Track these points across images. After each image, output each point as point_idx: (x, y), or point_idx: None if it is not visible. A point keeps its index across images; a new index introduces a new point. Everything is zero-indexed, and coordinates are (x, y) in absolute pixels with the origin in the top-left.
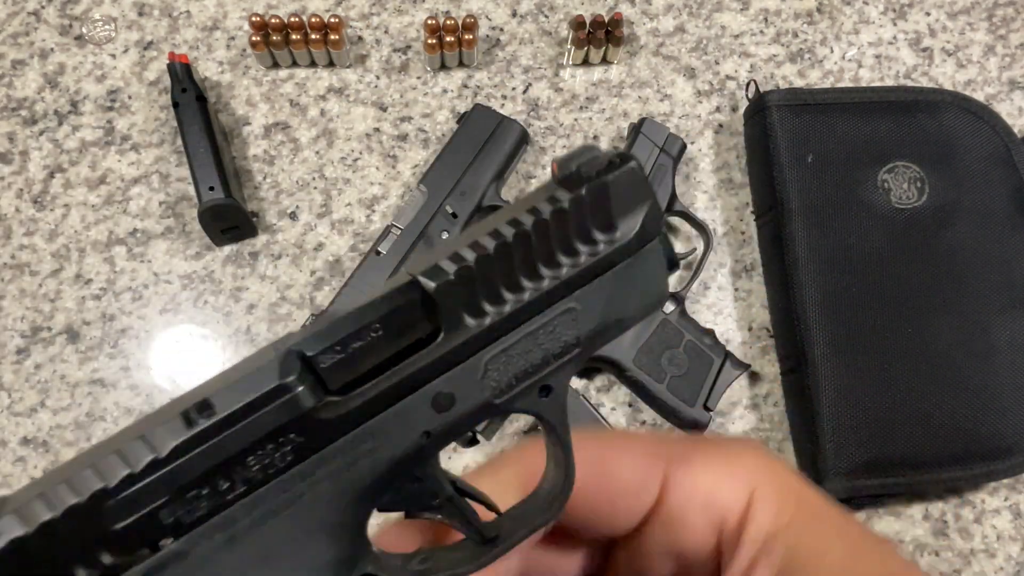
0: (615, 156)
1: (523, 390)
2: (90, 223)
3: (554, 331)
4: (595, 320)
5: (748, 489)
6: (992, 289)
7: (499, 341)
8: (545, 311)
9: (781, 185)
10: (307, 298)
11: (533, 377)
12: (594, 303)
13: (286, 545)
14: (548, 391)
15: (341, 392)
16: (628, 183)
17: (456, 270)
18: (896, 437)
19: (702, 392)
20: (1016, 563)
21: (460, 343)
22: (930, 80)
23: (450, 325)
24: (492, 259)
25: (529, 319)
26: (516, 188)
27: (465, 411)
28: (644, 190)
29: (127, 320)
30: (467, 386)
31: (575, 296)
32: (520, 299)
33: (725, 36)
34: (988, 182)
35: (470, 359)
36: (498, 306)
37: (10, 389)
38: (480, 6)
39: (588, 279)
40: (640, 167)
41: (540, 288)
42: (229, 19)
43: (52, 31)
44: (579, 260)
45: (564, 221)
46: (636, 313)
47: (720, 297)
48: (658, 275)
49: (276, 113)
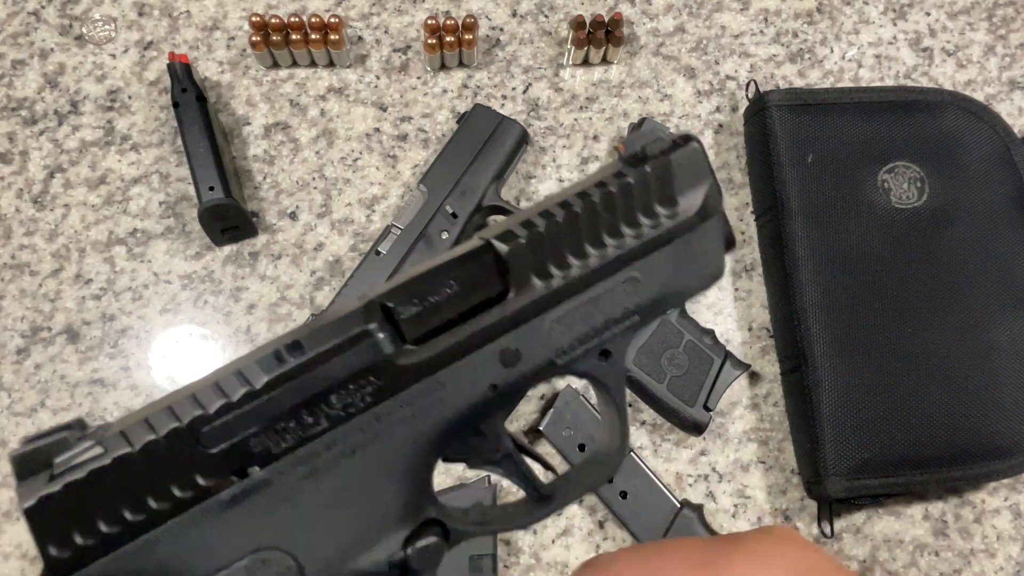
0: (679, 137)
1: (584, 352)
2: (90, 223)
3: (616, 298)
4: (655, 290)
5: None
6: (992, 289)
7: (564, 303)
8: (608, 278)
9: (781, 185)
10: (307, 298)
11: (594, 340)
12: (655, 274)
13: (360, 485)
14: (607, 355)
15: (417, 342)
16: (690, 162)
17: (527, 235)
18: (896, 437)
19: (702, 392)
20: (1016, 563)
21: (528, 303)
22: (930, 80)
23: (519, 285)
24: (561, 227)
25: (592, 285)
26: (516, 188)
27: (530, 369)
28: (705, 169)
29: (127, 320)
30: (532, 344)
31: (637, 266)
32: (585, 266)
33: (725, 36)
34: (988, 182)
35: (536, 319)
36: (564, 271)
37: (10, 389)
38: (480, 6)
39: (650, 251)
40: (702, 147)
41: (604, 256)
42: (229, 19)
43: (52, 31)
44: (642, 232)
45: (628, 195)
46: (694, 286)
47: (720, 297)
48: (716, 251)
49: (276, 113)
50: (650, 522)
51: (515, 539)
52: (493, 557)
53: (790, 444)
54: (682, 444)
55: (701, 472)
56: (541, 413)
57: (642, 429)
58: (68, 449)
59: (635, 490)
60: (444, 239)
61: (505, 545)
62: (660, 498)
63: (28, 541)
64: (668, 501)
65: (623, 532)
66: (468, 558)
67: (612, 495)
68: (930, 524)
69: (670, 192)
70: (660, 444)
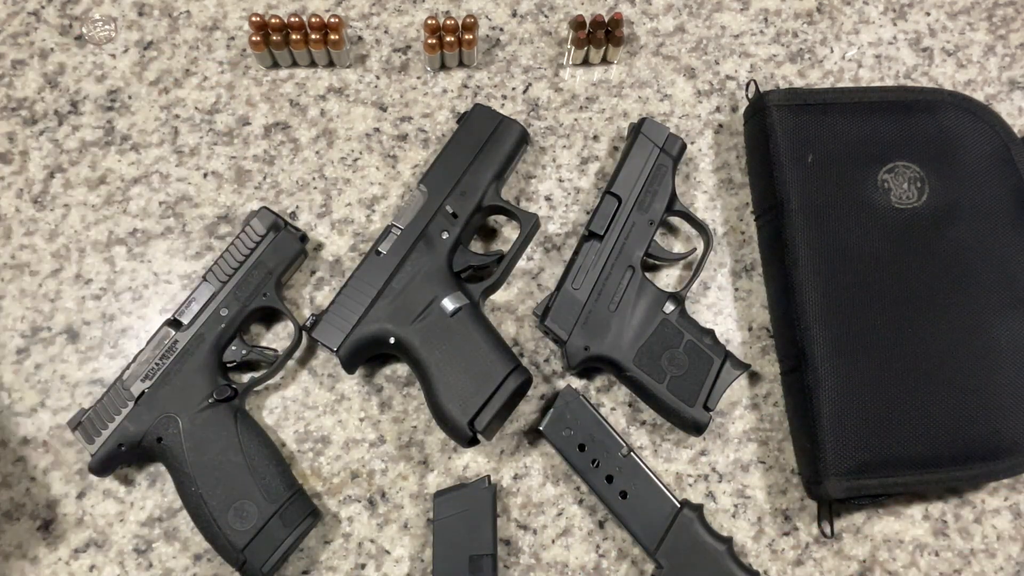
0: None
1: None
2: (90, 223)
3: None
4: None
5: None
6: (992, 288)
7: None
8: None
9: (781, 185)
10: (307, 298)
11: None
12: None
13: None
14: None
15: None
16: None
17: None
18: (896, 437)
19: (702, 392)
20: (1016, 563)
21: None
22: (930, 80)
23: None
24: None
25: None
26: (516, 188)
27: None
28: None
29: (127, 320)
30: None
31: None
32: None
33: (725, 36)
34: (988, 182)
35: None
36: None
37: (10, 389)
38: (480, 6)
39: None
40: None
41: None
42: (229, 19)
43: (52, 31)
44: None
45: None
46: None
47: (720, 297)
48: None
49: (276, 113)
50: (650, 522)
51: (515, 539)
52: (493, 557)
53: (790, 444)
54: (682, 444)
55: (701, 472)
56: (541, 413)
57: (642, 429)
58: None
59: (635, 490)
60: (444, 239)
61: (505, 545)
62: (660, 498)
63: (28, 541)
64: (668, 501)
65: (623, 532)
66: (468, 558)
67: (612, 495)
68: (930, 524)
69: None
70: (660, 444)
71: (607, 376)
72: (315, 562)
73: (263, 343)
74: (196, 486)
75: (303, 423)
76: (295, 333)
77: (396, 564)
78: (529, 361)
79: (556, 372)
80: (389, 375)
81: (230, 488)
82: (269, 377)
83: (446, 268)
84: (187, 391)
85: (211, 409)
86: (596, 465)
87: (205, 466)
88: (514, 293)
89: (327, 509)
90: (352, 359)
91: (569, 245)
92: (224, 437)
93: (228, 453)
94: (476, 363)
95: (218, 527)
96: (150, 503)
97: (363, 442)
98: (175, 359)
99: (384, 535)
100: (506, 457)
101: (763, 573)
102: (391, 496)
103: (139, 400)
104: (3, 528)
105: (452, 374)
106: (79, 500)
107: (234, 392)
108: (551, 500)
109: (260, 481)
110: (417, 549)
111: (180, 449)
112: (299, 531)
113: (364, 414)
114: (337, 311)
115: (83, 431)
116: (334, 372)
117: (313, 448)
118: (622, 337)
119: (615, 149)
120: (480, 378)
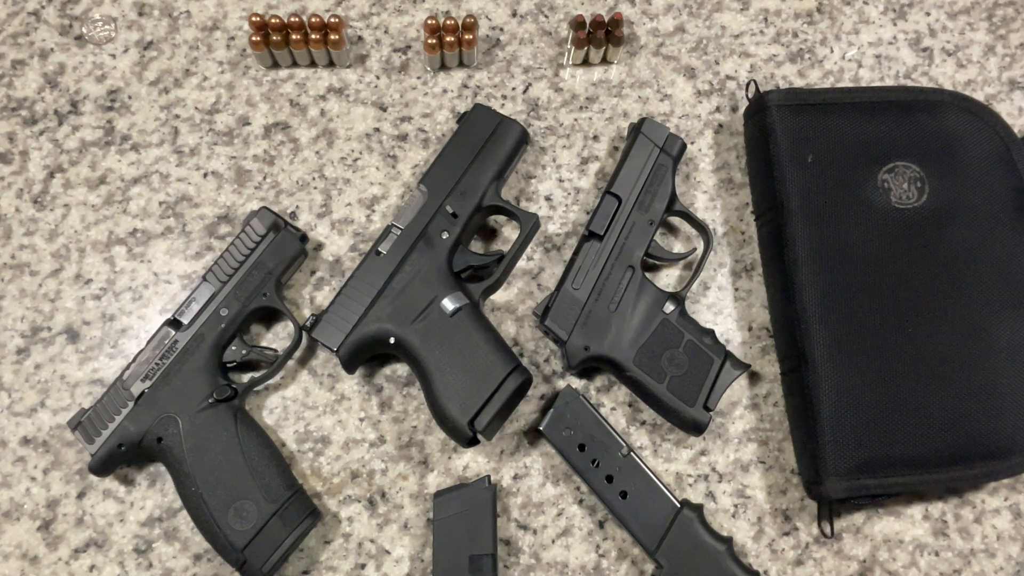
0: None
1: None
2: (90, 223)
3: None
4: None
5: None
6: (992, 289)
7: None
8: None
9: (781, 185)
10: (307, 298)
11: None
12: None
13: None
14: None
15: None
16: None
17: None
18: (896, 437)
19: (702, 392)
20: (1016, 563)
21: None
22: (930, 80)
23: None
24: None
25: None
26: (516, 188)
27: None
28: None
29: (127, 320)
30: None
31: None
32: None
33: (725, 36)
34: (988, 182)
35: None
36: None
37: (10, 389)
38: (480, 6)
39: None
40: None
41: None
42: (229, 19)
43: (52, 31)
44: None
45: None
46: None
47: (720, 297)
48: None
49: (276, 113)
50: (650, 522)
51: (515, 539)
52: (493, 557)
53: (790, 444)
54: (682, 444)
55: (701, 472)
56: (541, 413)
57: (642, 429)
58: None
59: (635, 490)
60: (444, 239)
61: (505, 545)
62: (660, 498)
63: (28, 541)
64: (668, 501)
65: (623, 532)
66: (468, 558)
67: (612, 495)
68: (930, 524)
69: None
70: (660, 444)
71: (607, 376)
72: (315, 562)
73: (263, 343)
74: (196, 486)
75: (303, 423)
76: (295, 333)
77: (396, 564)
78: (529, 361)
79: (556, 372)
80: (389, 375)
81: (230, 488)
82: (269, 377)
83: (446, 268)
84: (187, 391)
85: (211, 409)
86: (596, 465)
87: (205, 466)
88: (514, 293)
89: (327, 509)
90: (352, 359)
91: (569, 245)
92: (224, 437)
93: (228, 453)
94: (476, 363)
95: (218, 527)
96: (150, 503)
97: (363, 442)
98: (175, 359)
99: (384, 535)
100: (506, 457)
101: (763, 573)
102: (391, 496)
103: (139, 400)
104: (3, 528)
105: (452, 374)
106: (79, 500)
107: (234, 392)
108: (551, 500)
109: (260, 481)
110: (417, 549)
111: (180, 449)
112: (299, 531)
113: (364, 414)
114: (337, 311)
115: (83, 431)
116: (334, 372)
117: (313, 448)
118: (622, 337)
119: (615, 149)
120: (480, 378)
